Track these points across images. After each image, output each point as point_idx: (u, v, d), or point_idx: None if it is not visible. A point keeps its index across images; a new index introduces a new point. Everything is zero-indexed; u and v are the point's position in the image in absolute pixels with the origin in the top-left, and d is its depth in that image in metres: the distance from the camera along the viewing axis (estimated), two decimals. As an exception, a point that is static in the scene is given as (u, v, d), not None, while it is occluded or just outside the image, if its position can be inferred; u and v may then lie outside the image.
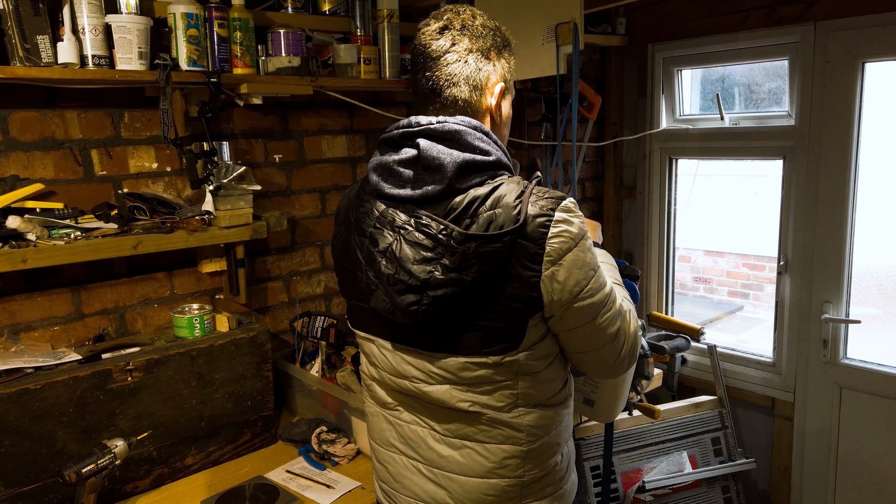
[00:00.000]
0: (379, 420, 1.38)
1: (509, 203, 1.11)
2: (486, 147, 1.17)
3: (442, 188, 1.13)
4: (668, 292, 3.16)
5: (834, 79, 2.43)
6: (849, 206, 2.46)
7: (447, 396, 1.22)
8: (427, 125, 1.17)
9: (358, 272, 1.23)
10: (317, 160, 2.31)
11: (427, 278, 1.12)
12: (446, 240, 1.10)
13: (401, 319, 1.17)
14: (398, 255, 1.14)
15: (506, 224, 1.09)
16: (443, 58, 1.20)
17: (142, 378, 1.72)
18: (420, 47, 1.23)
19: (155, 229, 1.78)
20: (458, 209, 1.12)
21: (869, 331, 2.53)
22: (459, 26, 1.21)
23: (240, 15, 1.83)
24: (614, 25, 2.97)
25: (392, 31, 2.14)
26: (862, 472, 2.56)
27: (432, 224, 1.12)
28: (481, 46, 1.22)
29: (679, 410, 2.64)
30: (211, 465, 1.88)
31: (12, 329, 1.76)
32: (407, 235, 1.14)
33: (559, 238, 1.11)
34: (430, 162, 1.13)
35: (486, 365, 1.18)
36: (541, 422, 1.25)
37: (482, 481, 1.25)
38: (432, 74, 1.21)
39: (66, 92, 1.77)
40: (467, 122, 1.18)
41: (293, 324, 2.15)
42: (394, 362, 1.28)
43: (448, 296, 1.12)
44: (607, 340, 1.21)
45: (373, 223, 1.19)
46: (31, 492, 1.57)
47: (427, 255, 1.12)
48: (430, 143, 1.15)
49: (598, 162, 3.26)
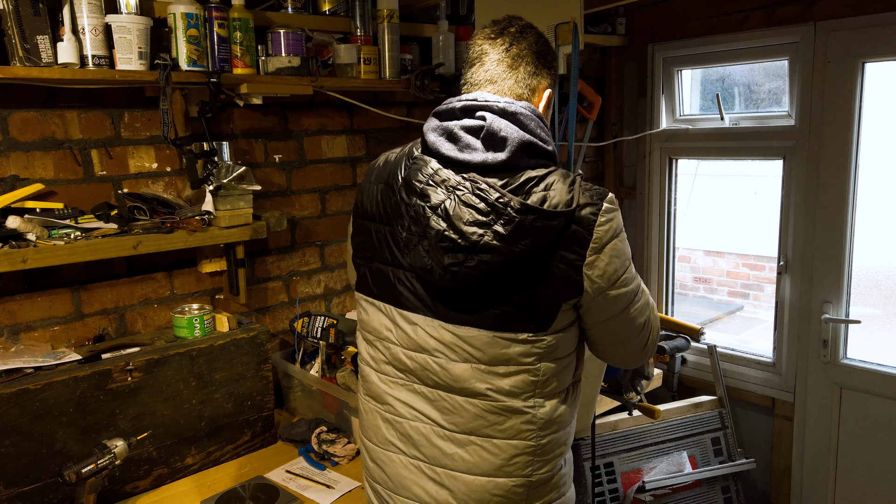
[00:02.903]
0: (374, 417, 1.35)
1: (562, 188, 1.16)
2: (545, 136, 1.22)
3: (503, 160, 1.16)
4: (668, 292, 3.16)
5: (834, 79, 2.43)
6: (849, 206, 2.46)
7: (467, 375, 1.22)
8: (493, 102, 1.20)
9: (398, 227, 1.24)
10: (317, 160, 2.31)
11: (477, 241, 1.14)
12: (503, 208, 1.13)
13: (436, 279, 1.19)
14: (451, 213, 1.16)
15: (560, 206, 1.14)
16: (503, 54, 1.27)
17: (142, 378, 1.72)
18: (475, 45, 1.30)
19: (155, 229, 1.78)
20: (514, 184, 1.16)
21: (869, 331, 2.53)
22: (517, 31, 1.28)
23: (240, 15, 1.83)
24: (614, 25, 2.97)
25: (392, 31, 2.14)
26: (862, 472, 2.56)
27: (490, 190, 1.14)
28: (538, 51, 1.29)
29: (679, 410, 2.64)
30: (211, 465, 1.88)
31: (12, 329, 1.77)
32: (462, 196, 1.16)
33: (605, 227, 1.17)
34: (495, 133, 1.17)
35: (515, 341, 1.19)
36: (553, 416, 1.25)
37: (489, 480, 1.23)
38: (486, 68, 1.27)
39: (66, 92, 1.77)
40: (531, 108, 1.23)
41: (293, 324, 2.15)
42: (414, 335, 1.26)
43: (492, 263, 1.15)
44: (637, 330, 1.28)
45: (426, 180, 1.19)
46: (31, 492, 1.57)
47: (481, 218, 1.14)
48: (496, 117, 1.18)
49: (598, 162, 3.26)
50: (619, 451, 2.49)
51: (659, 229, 3.10)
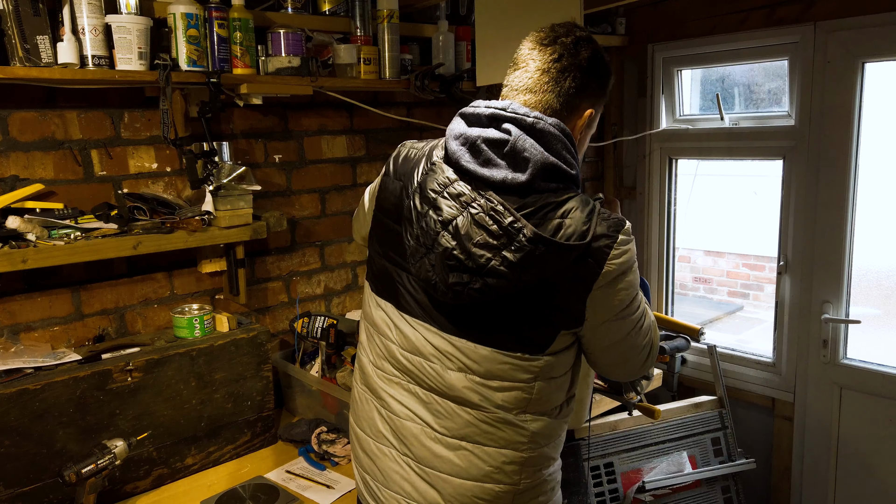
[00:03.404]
0: (369, 408, 1.34)
1: (580, 217, 1.11)
2: (571, 159, 1.17)
3: (523, 182, 1.12)
4: (668, 292, 3.16)
5: (834, 79, 2.43)
6: (849, 206, 2.46)
7: (461, 384, 1.21)
8: (523, 115, 1.15)
9: (406, 233, 1.21)
10: (317, 160, 2.31)
11: (484, 264, 1.11)
12: (516, 234, 1.10)
13: (439, 295, 1.17)
14: (461, 231, 1.12)
15: (574, 237, 1.10)
16: (550, 65, 1.20)
17: (142, 378, 1.72)
18: (525, 52, 1.24)
19: (155, 229, 1.78)
20: (530, 208, 1.12)
21: (869, 331, 2.53)
22: (571, 44, 1.21)
23: (240, 15, 1.83)
24: (614, 25, 2.97)
25: (392, 31, 2.14)
26: (862, 472, 2.56)
27: (505, 213, 1.11)
28: (589, 69, 1.22)
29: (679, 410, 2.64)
30: (211, 465, 1.88)
31: (12, 329, 1.76)
32: (476, 215, 1.12)
33: (618, 260, 1.15)
34: (519, 152, 1.13)
35: (511, 359, 1.19)
36: (545, 431, 1.25)
37: (476, 485, 1.23)
38: (528, 75, 1.21)
39: (66, 92, 1.77)
40: (561, 127, 1.17)
41: (293, 324, 2.15)
42: (413, 337, 1.25)
43: (497, 287, 1.12)
44: (638, 351, 1.27)
45: (441, 191, 1.16)
46: (31, 492, 1.57)
47: (491, 241, 1.11)
48: (522, 134, 1.14)
49: (598, 162, 3.26)
50: (619, 451, 2.49)
51: (659, 229, 3.10)
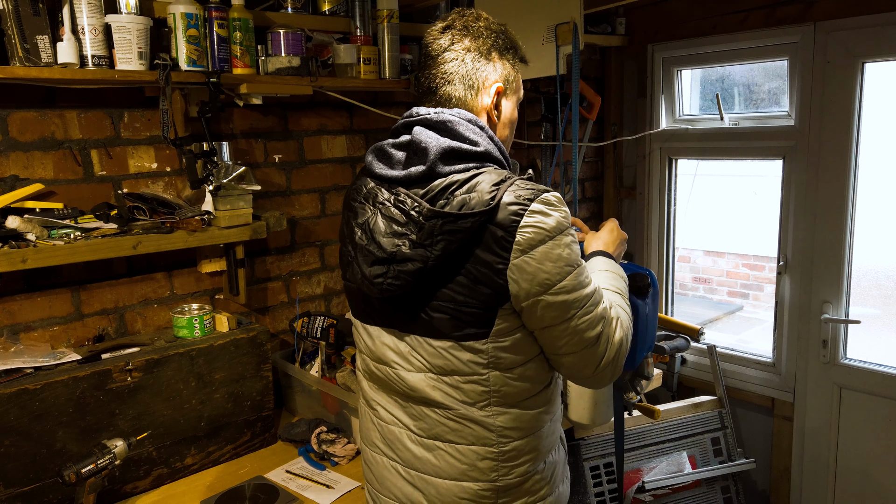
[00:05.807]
0: (366, 420, 1.40)
1: (484, 189, 1.13)
2: (476, 138, 1.20)
3: (424, 170, 1.17)
4: (667, 292, 3.16)
5: (834, 79, 2.43)
6: (849, 206, 2.46)
7: (423, 384, 1.23)
8: (425, 115, 1.22)
9: (347, 246, 1.28)
10: (316, 160, 2.31)
11: (394, 251, 1.16)
12: (417, 216, 1.15)
13: (368, 291, 1.22)
14: (371, 226, 1.20)
15: (476, 207, 1.12)
16: (441, 56, 1.25)
17: (141, 378, 1.72)
18: (424, 46, 1.28)
19: (155, 229, 1.78)
20: (436, 190, 1.16)
21: (869, 331, 2.53)
22: (461, 26, 1.25)
23: (240, 15, 1.83)
24: (614, 25, 2.97)
25: (392, 31, 2.14)
26: (861, 472, 2.56)
27: (407, 201, 1.17)
28: (480, 46, 1.25)
29: (679, 410, 2.64)
30: (211, 465, 1.88)
31: (12, 329, 1.76)
32: (384, 210, 1.19)
33: (532, 228, 1.12)
34: (417, 145, 1.19)
35: (456, 350, 1.19)
36: (515, 424, 1.23)
37: (455, 484, 1.25)
38: (429, 72, 1.26)
39: (66, 92, 1.77)
40: (463, 114, 1.23)
41: (293, 324, 2.15)
42: (373, 346, 1.31)
43: (412, 272, 1.16)
44: (586, 344, 1.19)
45: (360, 199, 1.25)
46: (30, 492, 1.57)
47: (398, 229, 1.17)
48: (422, 129, 1.20)
49: (598, 162, 3.26)
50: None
51: (659, 229, 3.10)
